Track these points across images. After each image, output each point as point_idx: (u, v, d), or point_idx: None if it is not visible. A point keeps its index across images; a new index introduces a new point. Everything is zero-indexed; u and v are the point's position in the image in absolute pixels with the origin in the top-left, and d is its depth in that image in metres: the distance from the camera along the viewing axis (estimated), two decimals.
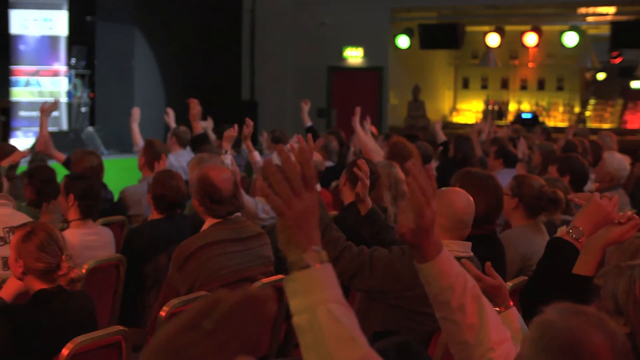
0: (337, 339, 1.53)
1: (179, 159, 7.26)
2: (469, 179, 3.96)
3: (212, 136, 8.31)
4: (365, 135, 7.29)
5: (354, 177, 4.79)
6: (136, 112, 7.80)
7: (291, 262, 1.59)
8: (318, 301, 1.54)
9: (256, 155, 6.33)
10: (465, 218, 3.25)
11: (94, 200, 4.45)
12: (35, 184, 4.98)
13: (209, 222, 3.93)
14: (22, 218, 4.07)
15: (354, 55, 15.46)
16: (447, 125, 15.24)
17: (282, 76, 15.46)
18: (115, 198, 5.93)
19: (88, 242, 4.38)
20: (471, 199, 3.28)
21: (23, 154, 5.64)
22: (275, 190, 1.56)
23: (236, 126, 6.04)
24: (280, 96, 15.32)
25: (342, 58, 15.49)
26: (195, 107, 7.09)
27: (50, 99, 12.77)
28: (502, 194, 4.05)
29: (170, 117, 8.44)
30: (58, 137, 11.86)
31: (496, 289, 2.52)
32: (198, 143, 7.09)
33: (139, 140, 7.49)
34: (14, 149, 5.96)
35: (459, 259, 2.15)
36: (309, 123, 8.74)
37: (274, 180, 1.56)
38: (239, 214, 4.03)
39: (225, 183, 3.88)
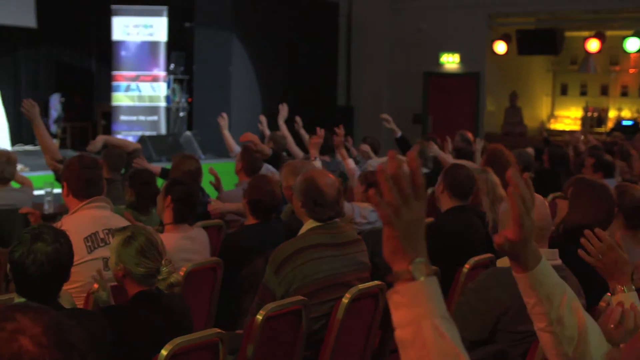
0: (442, 355, 1.49)
1: (268, 167, 7.29)
2: (583, 187, 3.90)
3: (306, 137, 8.33)
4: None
5: (451, 184, 4.77)
6: (224, 119, 7.85)
7: (396, 273, 1.55)
8: (423, 315, 1.51)
9: (350, 162, 6.32)
10: (547, 224, 3.19)
11: (190, 205, 4.50)
12: (135, 187, 5.08)
13: (307, 225, 3.94)
14: (120, 220, 4.15)
15: (450, 61, 15.36)
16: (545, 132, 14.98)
17: (378, 81, 15.46)
18: None
19: (183, 245, 4.43)
20: (546, 203, 3.23)
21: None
22: (385, 198, 1.53)
23: (322, 132, 6.05)
24: (376, 101, 15.31)
25: (438, 63, 15.40)
26: (283, 108, 7.14)
27: (147, 104, 13.09)
28: (614, 206, 3.96)
29: (264, 125, 8.51)
30: (157, 141, 12.10)
31: (620, 263, 2.48)
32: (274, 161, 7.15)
33: (234, 146, 7.56)
34: (122, 155, 6.13)
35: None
36: (399, 133, 8.67)
37: (384, 188, 1.53)
38: (337, 219, 4.04)
39: (329, 187, 3.91)
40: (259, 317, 3.39)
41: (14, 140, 14.78)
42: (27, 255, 2.84)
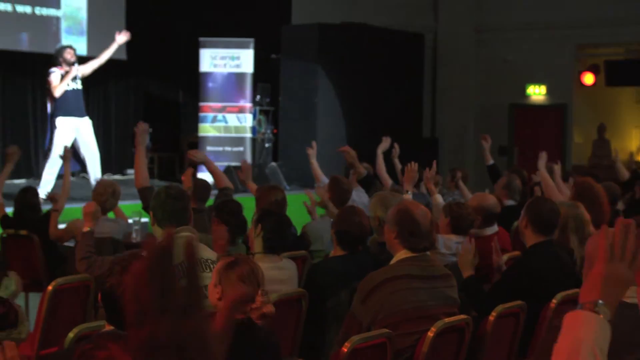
0: None
1: (360, 195, 7.30)
2: None
3: (399, 166, 8.32)
4: (549, 179, 7.11)
5: (534, 219, 4.67)
6: (313, 149, 7.90)
7: (582, 302, 1.80)
8: (587, 340, 1.75)
9: (439, 197, 6.29)
10: None
11: (280, 235, 4.53)
12: (222, 217, 5.12)
13: (398, 256, 3.94)
14: (206, 250, 4.20)
15: (537, 92, 15.19)
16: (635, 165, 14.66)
17: (463, 113, 15.37)
18: (298, 233, 6.02)
19: (273, 275, 4.45)
20: None
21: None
22: (616, 244, 1.81)
23: (416, 166, 6.04)
24: (461, 133, 15.22)
25: (524, 95, 15.25)
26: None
27: (233, 135, 13.25)
28: None
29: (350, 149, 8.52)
30: None
31: None
32: (368, 184, 7.14)
33: (321, 177, 7.60)
34: (208, 185, 6.23)
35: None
36: (490, 161, 8.58)
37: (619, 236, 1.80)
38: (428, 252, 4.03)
39: (423, 218, 3.93)
40: (345, 349, 3.39)
41: (103, 170, 15.09)
42: (118, 286, 2.89)
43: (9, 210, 7.06)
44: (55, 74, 10.65)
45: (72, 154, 10.98)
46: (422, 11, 15.74)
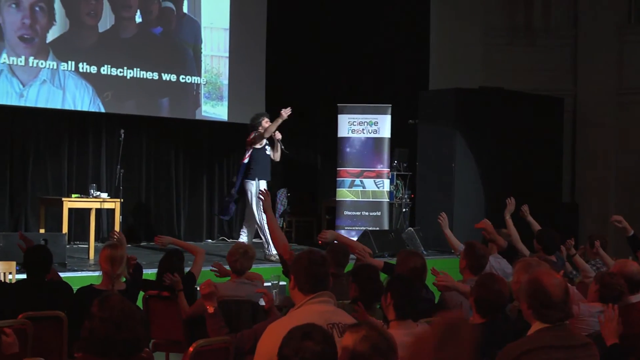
0: None
1: (499, 261, 7.21)
2: None
3: (536, 226, 8.18)
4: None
5: None
6: (444, 219, 7.87)
7: None
8: None
9: (586, 267, 6.14)
10: None
11: (411, 301, 4.50)
12: (359, 282, 5.13)
13: (535, 326, 3.86)
14: (344, 315, 4.20)
15: None
16: None
17: (604, 178, 14.98)
18: (436, 299, 5.97)
19: (407, 342, 4.41)
20: None
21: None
22: None
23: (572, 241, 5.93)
24: (602, 199, 14.83)
25: None
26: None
27: (370, 200, 13.29)
28: None
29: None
30: (379, 236, 12.22)
31: None
32: (511, 256, 7.03)
33: (457, 244, 7.54)
34: (347, 251, 6.25)
35: None
36: (631, 232, 8.26)
37: None
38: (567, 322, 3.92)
39: (556, 288, 3.82)
40: None
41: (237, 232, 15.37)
42: (296, 352, 2.92)
43: (152, 271, 7.27)
44: (254, 134, 11.41)
45: (229, 204, 11.40)
46: (560, 75, 15.54)
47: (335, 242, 6.79)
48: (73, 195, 11.55)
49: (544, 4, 15.82)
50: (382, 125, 13.58)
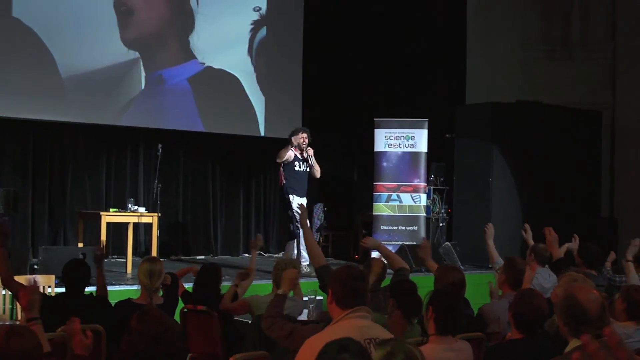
0: None
1: (537, 276, 7.16)
2: None
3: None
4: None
5: None
6: (490, 229, 7.85)
7: None
8: None
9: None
10: None
11: (452, 316, 4.49)
12: (397, 297, 5.12)
13: (571, 344, 3.82)
14: (381, 330, 4.19)
15: None
16: None
17: None
18: (474, 313, 5.94)
19: (447, 357, 4.40)
20: None
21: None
22: None
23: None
24: None
25: None
26: (550, 234, 7.06)
27: (407, 214, 13.27)
28: None
29: (528, 234, 8.38)
30: (415, 251, 12.17)
31: None
32: (561, 266, 6.96)
33: (496, 257, 7.52)
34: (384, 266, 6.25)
35: None
36: None
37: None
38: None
39: (592, 304, 3.78)
40: None
41: (280, 247, 15.40)
42: None
43: (188, 285, 7.30)
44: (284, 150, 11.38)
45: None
46: (598, 88, 15.43)
47: (373, 255, 6.80)
48: (111, 210, 11.64)
49: (582, 17, 15.73)
50: (419, 140, 13.55)
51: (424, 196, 13.57)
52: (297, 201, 11.24)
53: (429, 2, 15.31)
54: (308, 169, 11.53)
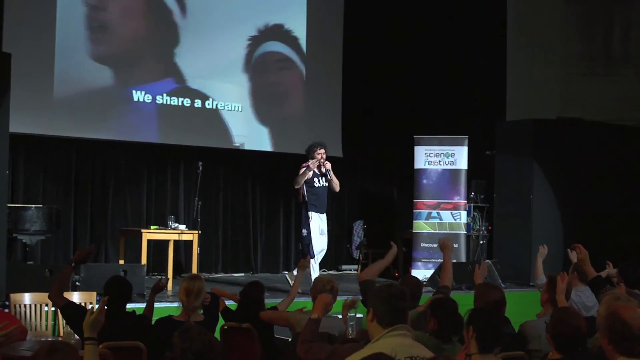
0: None
1: (580, 295, 7.11)
2: None
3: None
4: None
5: None
6: (544, 249, 7.82)
7: None
8: None
9: None
10: None
11: (494, 335, 4.46)
12: (438, 316, 5.10)
13: None
14: (422, 348, 4.18)
15: None
16: None
17: None
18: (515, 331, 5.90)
19: None
20: None
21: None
22: None
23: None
24: None
25: None
26: (581, 251, 6.99)
27: (447, 232, 13.20)
28: None
29: (574, 254, 8.31)
30: (456, 269, 12.08)
31: None
32: (599, 285, 6.89)
33: (540, 274, 7.48)
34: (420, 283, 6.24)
35: None
36: None
37: None
38: None
39: (637, 321, 3.75)
40: None
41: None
42: None
43: (229, 303, 7.31)
44: (303, 169, 11.15)
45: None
46: None
47: (407, 274, 6.81)
48: (152, 227, 11.74)
49: (623, 32, 15.60)
50: (459, 157, 13.52)
51: (464, 214, 13.51)
52: (318, 218, 11.20)
53: (468, 18, 15.28)
54: (327, 184, 11.41)
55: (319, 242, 11.25)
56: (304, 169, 11.19)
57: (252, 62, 14.30)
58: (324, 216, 11.37)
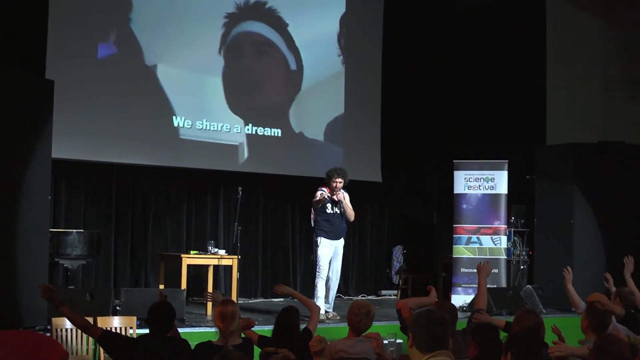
0: None
1: (618, 330, 6.99)
2: None
3: None
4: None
5: None
6: (569, 273, 7.71)
7: None
8: None
9: None
10: None
11: None
12: (479, 341, 5.05)
13: None
14: None
15: None
16: None
17: None
18: None
19: None
20: None
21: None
22: None
23: None
24: None
25: None
26: (629, 264, 6.91)
27: (487, 257, 13.11)
28: None
29: (610, 283, 8.23)
30: (497, 294, 12.02)
31: None
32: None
33: (578, 301, 7.38)
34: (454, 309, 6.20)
35: None
36: None
37: None
38: None
39: None
40: None
41: (359, 290, 15.38)
42: None
43: (268, 328, 7.30)
44: (319, 192, 11.14)
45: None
46: None
47: (443, 300, 6.77)
48: (192, 252, 11.77)
49: None
50: (499, 182, 13.44)
51: (504, 238, 13.42)
52: (328, 244, 11.13)
53: (508, 41, 15.23)
54: (340, 211, 11.31)
55: (327, 268, 11.18)
56: (319, 193, 11.16)
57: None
58: (339, 242, 11.28)
